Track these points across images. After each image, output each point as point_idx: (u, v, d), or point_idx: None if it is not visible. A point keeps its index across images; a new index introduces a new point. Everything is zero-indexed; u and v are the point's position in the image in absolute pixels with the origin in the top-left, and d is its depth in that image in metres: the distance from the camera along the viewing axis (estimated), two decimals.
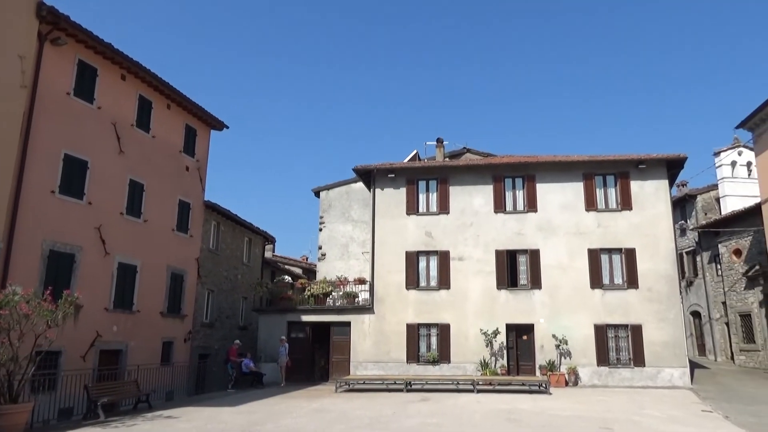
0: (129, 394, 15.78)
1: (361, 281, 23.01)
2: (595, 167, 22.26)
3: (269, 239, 29.88)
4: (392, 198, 23.05)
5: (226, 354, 21.92)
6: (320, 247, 27.82)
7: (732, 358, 27.21)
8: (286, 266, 36.69)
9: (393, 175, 23.08)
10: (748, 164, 29.97)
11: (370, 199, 23.58)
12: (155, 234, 19.41)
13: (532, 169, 22.56)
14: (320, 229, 27.86)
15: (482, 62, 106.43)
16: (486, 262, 21.94)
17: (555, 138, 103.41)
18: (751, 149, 25.95)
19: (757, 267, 24.31)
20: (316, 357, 23.25)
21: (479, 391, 18.08)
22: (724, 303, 27.77)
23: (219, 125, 23.06)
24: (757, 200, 23.90)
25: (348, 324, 22.30)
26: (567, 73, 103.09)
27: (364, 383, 19.35)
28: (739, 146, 30.33)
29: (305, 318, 22.73)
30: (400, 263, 22.35)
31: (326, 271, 26.23)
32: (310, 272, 36.23)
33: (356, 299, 22.65)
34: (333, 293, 23.07)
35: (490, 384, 18.86)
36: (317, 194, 28.28)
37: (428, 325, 21.85)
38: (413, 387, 18.90)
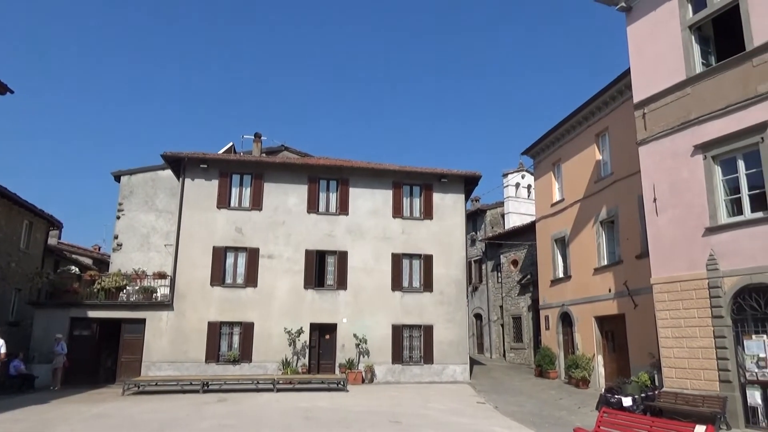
0: None
1: (162, 275, 21.53)
2: (403, 177, 23.74)
3: (55, 224, 26.48)
4: (203, 189, 22.03)
5: None
6: (116, 237, 25.38)
7: (504, 355, 30.99)
8: (74, 255, 32.82)
9: (205, 166, 22.06)
10: (529, 187, 34.44)
11: (179, 189, 22.26)
12: None
13: (346, 173, 23.29)
14: (118, 217, 25.43)
15: (306, 62, 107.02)
16: (295, 261, 22.07)
17: (370, 145, 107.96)
18: (532, 174, 29.87)
19: (529, 276, 28.05)
20: (102, 357, 21.18)
21: (279, 390, 18.13)
22: (501, 307, 31.53)
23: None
24: (533, 218, 27.58)
25: (143, 321, 20.71)
26: (386, 88, 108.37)
27: (156, 385, 18.14)
28: (522, 170, 34.72)
29: (93, 314, 20.53)
30: (206, 258, 21.43)
31: (122, 263, 24.03)
32: (102, 263, 32.88)
33: (154, 295, 21.14)
34: (128, 287, 21.24)
35: (291, 383, 19.00)
36: (117, 178, 25.76)
37: (231, 324, 21.26)
38: (211, 388, 18.26)
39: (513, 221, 33.09)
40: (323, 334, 21.93)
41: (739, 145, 12.38)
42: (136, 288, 21.24)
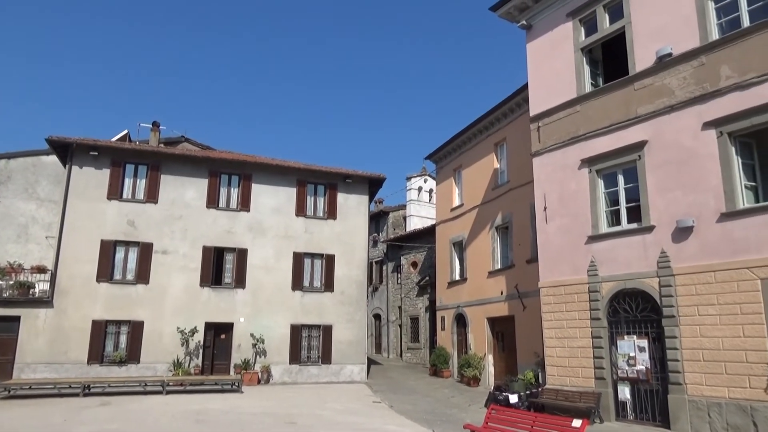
0: None
1: (41, 270, 19.86)
2: (308, 175, 23.57)
3: None
4: (92, 178, 20.60)
5: None
6: None
7: (401, 355, 31.63)
8: None
9: (96, 153, 20.64)
10: (431, 191, 35.40)
11: (65, 177, 20.66)
12: None
13: (249, 169, 22.74)
14: None
15: (215, 60, 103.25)
16: (192, 257, 21.23)
17: (275, 144, 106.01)
18: (434, 178, 30.74)
19: (427, 278, 28.83)
20: None
21: (169, 392, 17.33)
22: (400, 307, 32.15)
23: None
24: (434, 222, 28.38)
25: (17, 319, 18.98)
26: (292, 89, 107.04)
27: (30, 388, 16.72)
28: (425, 175, 35.63)
29: None
30: (92, 252, 20.05)
31: None
32: None
33: (32, 291, 19.47)
34: (1, 282, 19.41)
35: (182, 384, 18.24)
36: None
37: (119, 322, 20.04)
38: (93, 391, 17.10)
39: (414, 224, 33.87)
40: (219, 333, 21.24)
41: (619, 161, 13.47)
42: (11, 283, 19.45)
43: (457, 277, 23.57)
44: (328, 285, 22.92)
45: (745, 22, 11.56)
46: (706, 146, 11.77)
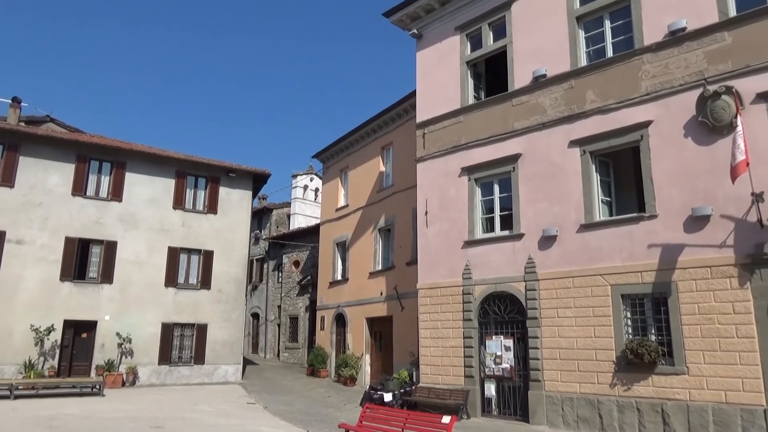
0: None
1: None
2: (189, 167, 22.50)
3: None
4: None
5: None
6: None
7: (278, 355, 31.17)
8: None
9: None
10: (317, 190, 35.28)
11: None
12: None
13: (123, 156, 21.24)
14: None
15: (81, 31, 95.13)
16: (52, 249, 19.40)
17: (156, 131, 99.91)
18: (321, 177, 30.67)
19: (309, 277, 28.68)
20: None
21: (18, 396, 15.70)
22: (279, 306, 31.68)
23: None
24: (318, 221, 28.31)
25: None
26: (175, 80, 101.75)
27: None
28: (312, 173, 35.45)
29: None
30: None
31: None
32: None
33: None
34: None
35: (34, 388, 16.56)
36: None
37: None
38: None
39: (298, 222, 33.57)
40: (80, 332, 19.60)
41: (496, 171, 14.31)
42: None
43: (339, 277, 23.69)
44: (205, 282, 22.02)
45: (609, 52, 12.77)
46: (571, 162, 12.84)
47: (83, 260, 20.07)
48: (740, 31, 10.75)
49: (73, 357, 19.39)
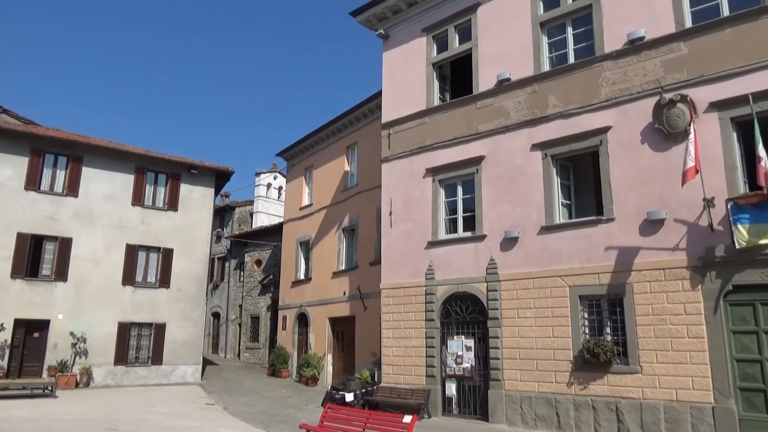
0: None
1: None
2: (149, 162, 22.00)
3: None
4: None
5: None
6: None
7: (239, 355, 30.75)
8: None
9: None
10: (280, 188, 34.98)
11: None
12: None
13: (80, 150, 20.62)
14: None
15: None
16: (3, 245, 18.68)
17: (117, 127, 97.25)
18: (285, 176, 30.42)
19: (271, 276, 28.39)
20: None
21: None
22: (241, 306, 31.26)
23: None
24: (282, 220, 28.06)
25: None
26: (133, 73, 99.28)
27: None
28: (276, 171, 35.14)
29: None
30: None
31: None
32: None
33: None
34: None
35: None
36: None
37: None
38: None
39: (261, 221, 33.21)
40: (32, 331, 18.92)
41: (460, 173, 14.44)
42: None
43: (302, 277, 23.53)
44: (165, 280, 21.55)
45: (571, 58, 13.05)
46: (533, 166, 13.06)
47: (36, 257, 19.39)
48: (696, 41, 11.13)
49: (24, 357, 18.71)
